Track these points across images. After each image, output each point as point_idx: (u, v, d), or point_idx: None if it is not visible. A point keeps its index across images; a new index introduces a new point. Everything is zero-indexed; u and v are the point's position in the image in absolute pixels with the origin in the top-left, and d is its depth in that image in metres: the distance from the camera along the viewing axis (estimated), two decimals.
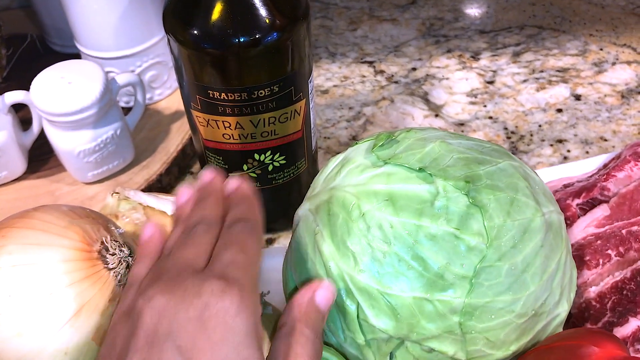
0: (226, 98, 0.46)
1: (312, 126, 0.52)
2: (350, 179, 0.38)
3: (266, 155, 0.50)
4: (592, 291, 0.45)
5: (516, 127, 0.67)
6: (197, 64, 0.45)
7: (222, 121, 0.48)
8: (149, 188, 0.60)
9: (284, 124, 0.49)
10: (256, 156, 0.50)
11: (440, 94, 0.71)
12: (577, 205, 0.50)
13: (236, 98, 0.46)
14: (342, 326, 0.37)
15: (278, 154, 0.51)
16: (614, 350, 0.34)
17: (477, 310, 0.34)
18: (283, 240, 0.57)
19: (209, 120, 0.48)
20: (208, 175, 0.37)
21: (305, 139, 0.52)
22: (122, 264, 0.39)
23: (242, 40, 0.43)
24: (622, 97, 0.70)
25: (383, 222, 0.35)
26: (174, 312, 0.28)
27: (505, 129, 0.67)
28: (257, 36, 0.43)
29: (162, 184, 0.62)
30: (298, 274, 0.39)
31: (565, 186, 0.53)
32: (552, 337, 0.37)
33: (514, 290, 0.35)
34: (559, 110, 0.69)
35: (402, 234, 0.35)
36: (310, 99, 0.50)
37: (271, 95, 0.46)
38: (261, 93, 0.46)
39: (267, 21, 0.43)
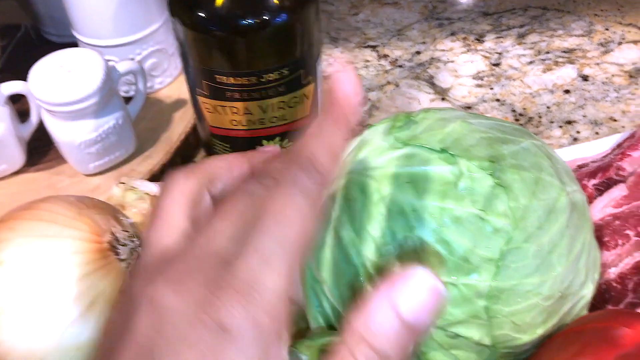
0: (234, 83, 0.44)
1: (320, 111, 0.51)
2: (368, 162, 0.36)
3: (275, 141, 0.49)
4: (612, 272, 0.44)
5: (524, 109, 0.66)
6: (204, 48, 0.43)
7: (230, 107, 0.46)
8: (153, 179, 0.59)
9: (293, 109, 0.48)
10: (264, 142, 0.49)
11: (446, 77, 0.70)
12: (593, 185, 0.49)
13: (244, 82, 0.44)
14: None
15: (286, 139, 0.49)
16: None
17: (504, 294, 0.33)
18: None
19: (215, 106, 0.47)
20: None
21: None
22: (133, 254, 0.37)
23: (250, 21, 0.41)
24: (630, 76, 0.69)
25: (405, 206, 0.34)
26: (177, 320, 0.21)
27: (513, 111, 0.66)
28: (265, 17, 0.41)
29: (164, 175, 0.60)
30: (316, 262, 0.37)
31: (580, 167, 0.52)
32: (580, 319, 0.36)
33: (540, 272, 0.34)
34: (567, 92, 0.68)
35: (424, 217, 0.33)
36: (318, 83, 0.49)
37: (281, 79, 0.45)
38: (270, 77, 0.44)
39: (276, 2, 0.41)
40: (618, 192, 0.48)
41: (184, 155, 0.63)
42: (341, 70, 0.27)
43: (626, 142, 0.53)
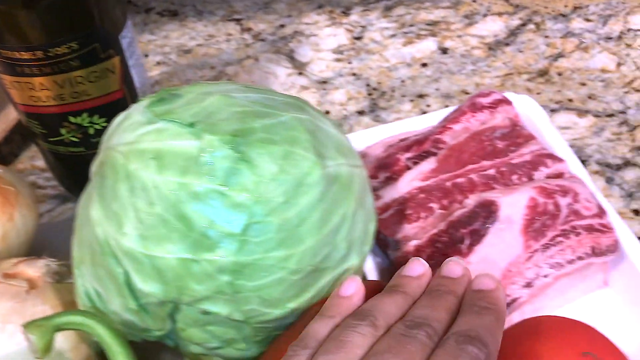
0: (20, 57, 0.43)
1: (136, 85, 0.50)
2: (123, 137, 0.36)
3: (82, 117, 0.48)
4: (412, 245, 0.44)
5: (379, 83, 0.66)
6: None
7: (25, 82, 0.45)
8: None
9: (96, 84, 0.46)
10: (72, 119, 0.48)
11: (307, 52, 0.69)
12: (408, 159, 0.49)
13: (32, 57, 0.43)
14: (115, 293, 0.35)
15: (96, 115, 0.48)
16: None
17: (247, 269, 0.33)
18: None
19: (12, 82, 0.45)
20: (457, 269, 0.32)
21: (129, 100, 0.49)
22: None
23: None
24: (489, 49, 0.69)
25: (147, 182, 0.33)
26: None
27: (368, 85, 0.66)
28: None
29: (1, 154, 0.59)
30: (76, 242, 0.37)
31: (401, 141, 0.52)
32: None
33: (286, 245, 0.34)
34: (424, 65, 0.68)
35: (165, 193, 0.33)
36: (127, 56, 0.48)
37: (71, 53, 0.43)
38: (58, 51, 0.43)
39: None
40: (428, 165, 0.48)
41: (24, 133, 0.61)
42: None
43: (451, 115, 0.53)
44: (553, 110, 0.63)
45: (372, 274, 0.45)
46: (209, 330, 0.36)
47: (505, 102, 0.52)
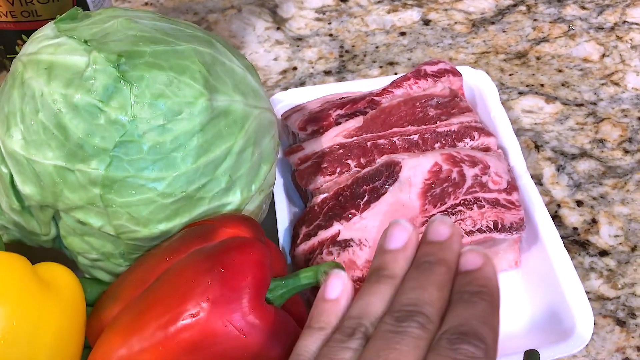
0: None
1: (90, 7, 0.51)
2: (28, 48, 0.37)
3: None
4: (320, 197, 0.45)
5: (352, 46, 0.66)
6: None
7: None
8: None
9: (47, 6, 0.48)
10: (24, 37, 0.50)
11: (290, 8, 0.70)
12: (338, 115, 0.49)
13: None
14: (2, 193, 0.37)
15: None
16: (241, 232, 0.34)
17: (116, 184, 0.35)
18: None
19: None
20: (444, 229, 0.29)
21: None
22: None
23: None
24: (473, 25, 0.68)
25: (36, 90, 0.35)
26: None
27: (341, 47, 0.66)
28: None
29: None
30: None
31: (342, 99, 0.52)
32: (207, 219, 0.37)
33: (158, 168, 0.35)
34: (402, 34, 0.67)
35: (49, 102, 0.35)
36: None
37: None
38: None
39: None
40: (354, 123, 0.48)
41: None
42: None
43: (396, 80, 0.52)
44: (521, 93, 0.61)
45: (285, 222, 0.46)
46: (87, 241, 0.37)
47: (453, 72, 0.52)
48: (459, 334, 0.25)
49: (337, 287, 0.29)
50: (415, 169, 0.42)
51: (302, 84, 0.62)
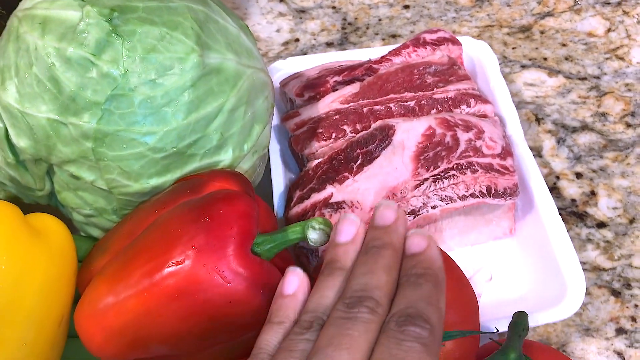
0: None
1: None
2: (25, 3, 0.38)
3: None
4: (315, 162, 0.45)
5: (355, 19, 0.66)
6: None
7: None
8: None
9: None
10: None
11: None
12: (335, 82, 0.49)
13: None
14: None
15: None
16: (229, 186, 0.34)
17: (108, 138, 0.35)
18: None
19: None
20: (389, 213, 0.30)
21: None
22: None
23: None
24: None
25: (30, 44, 0.35)
26: None
27: (344, 19, 0.65)
28: None
29: None
30: None
31: (340, 66, 0.52)
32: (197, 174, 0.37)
33: (149, 123, 0.35)
34: (406, 7, 0.67)
35: (42, 55, 0.35)
36: None
37: None
38: None
39: None
40: (351, 89, 0.48)
41: None
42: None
43: (395, 49, 0.52)
44: (524, 66, 0.61)
45: (280, 187, 0.47)
46: (80, 196, 0.38)
47: (452, 41, 0.51)
48: (405, 316, 0.26)
49: (293, 283, 0.30)
50: (409, 133, 0.42)
51: (304, 55, 0.62)
